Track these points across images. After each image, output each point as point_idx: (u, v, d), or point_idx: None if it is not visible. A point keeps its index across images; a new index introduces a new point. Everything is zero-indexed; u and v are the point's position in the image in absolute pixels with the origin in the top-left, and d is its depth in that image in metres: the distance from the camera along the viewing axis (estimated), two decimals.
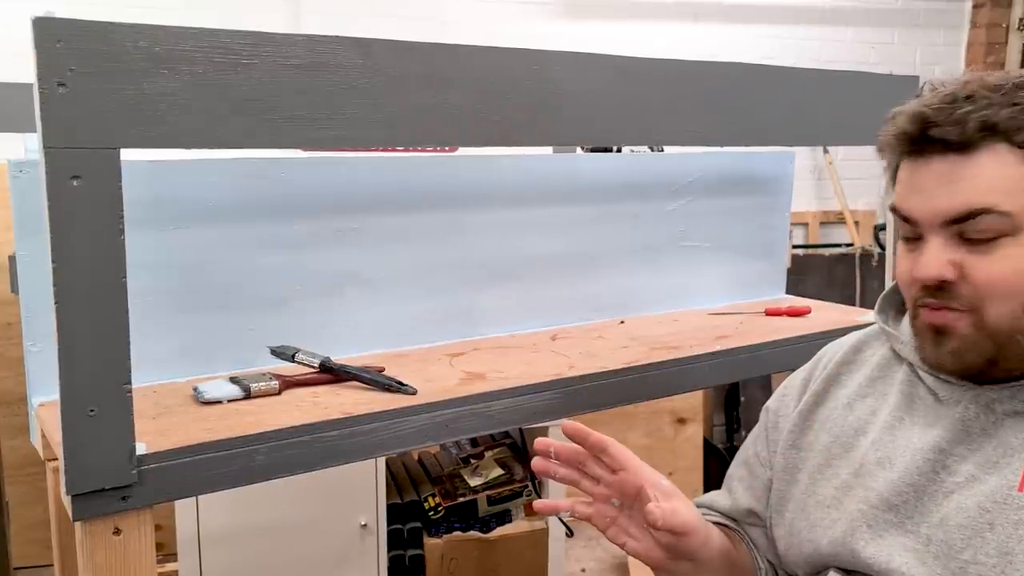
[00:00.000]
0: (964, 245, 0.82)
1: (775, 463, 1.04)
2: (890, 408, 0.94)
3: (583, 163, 1.64)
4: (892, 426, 0.93)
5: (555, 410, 1.24)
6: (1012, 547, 0.80)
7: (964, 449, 0.86)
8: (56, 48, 0.83)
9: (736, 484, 1.10)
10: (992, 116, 0.80)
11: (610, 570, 2.95)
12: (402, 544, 2.20)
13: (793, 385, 1.08)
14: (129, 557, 0.94)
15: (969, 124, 0.80)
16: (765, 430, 1.08)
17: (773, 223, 1.84)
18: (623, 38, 3.69)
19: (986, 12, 4.26)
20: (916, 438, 0.90)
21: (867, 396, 0.98)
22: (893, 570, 0.85)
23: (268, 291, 1.28)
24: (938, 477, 0.87)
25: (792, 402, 1.05)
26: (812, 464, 0.99)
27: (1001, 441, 0.84)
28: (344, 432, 1.06)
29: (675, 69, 1.27)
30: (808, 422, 1.02)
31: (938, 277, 0.83)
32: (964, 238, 0.82)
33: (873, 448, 0.93)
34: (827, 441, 0.98)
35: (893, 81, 1.55)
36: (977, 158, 0.81)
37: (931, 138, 0.82)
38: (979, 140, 0.80)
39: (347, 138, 1.02)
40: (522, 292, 1.52)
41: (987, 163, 0.80)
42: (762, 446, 1.08)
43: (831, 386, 1.02)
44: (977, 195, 0.80)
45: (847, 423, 0.98)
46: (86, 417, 0.89)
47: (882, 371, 0.99)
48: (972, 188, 0.81)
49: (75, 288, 0.87)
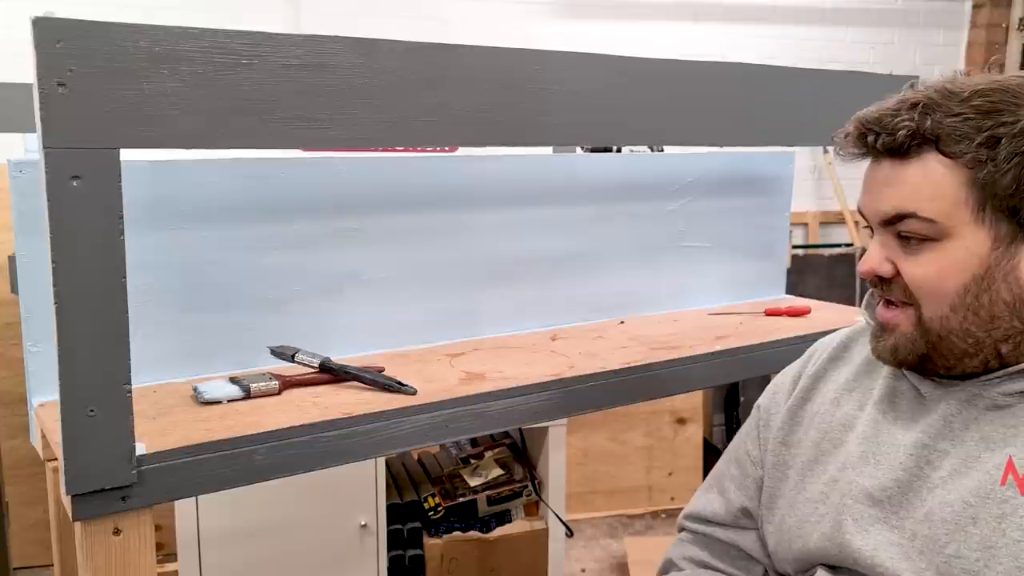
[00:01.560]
0: (900, 245, 0.87)
1: (766, 460, 1.04)
2: (875, 403, 0.96)
3: (583, 163, 1.64)
4: (877, 421, 0.94)
5: (555, 410, 1.24)
6: (995, 541, 0.81)
7: (947, 444, 0.88)
8: (56, 48, 0.83)
9: (728, 484, 1.10)
10: (922, 125, 0.83)
11: (609, 570, 2.95)
12: (402, 544, 2.20)
13: (783, 382, 1.09)
14: (129, 557, 0.94)
15: (899, 133, 0.84)
16: (757, 428, 1.08)
17: (773, 223, 1.84)
18: (623, 38, 3.69)
19: (986, 12, 4.26)
20: (900, 434, 0.91)
21: (853, 391, 0.99)
22: (878, 564, 0.86)
23: (268, 291, 1.28)
24: (922, 472, 0.88)
25: (782, 399, 1.06)
26: (801, 461, 1.00)
27: (983, 436, 0.86)
28: (344, 432, 1.06)
29: (675, 69, 1.27)
30: (797, 418, 1.03)
31: (873, 271, 0.89)
32: (901, 238, 0.87)
33: (858, 443, 0.94)
34: (815, 437, 0.99)
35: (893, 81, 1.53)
36: (909, 164, 0.85)
37: (872, 144, 0.87)
38: (912, 148, 0.84)
39: (347, 138, 1.02)
40: (522, 292, 1.52)
41: (916, 170, 0.85)
42: (753, 444, 1.08)
43: (819, 382, 1.04)
44: (903, 200, 0.85)
45: (835, 419, 0.99)
46: (86, 417, 0.89)
47: (868, 367, 1.00)
48: (900, 192, 0.85)
49: (75, 288, 0.87)
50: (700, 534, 1.12)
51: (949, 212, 0.83)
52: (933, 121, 0.83)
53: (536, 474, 2.34)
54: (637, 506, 3.39)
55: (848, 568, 0.90)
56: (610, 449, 3.35)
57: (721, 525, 1.09)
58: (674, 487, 3.40)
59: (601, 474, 3.34)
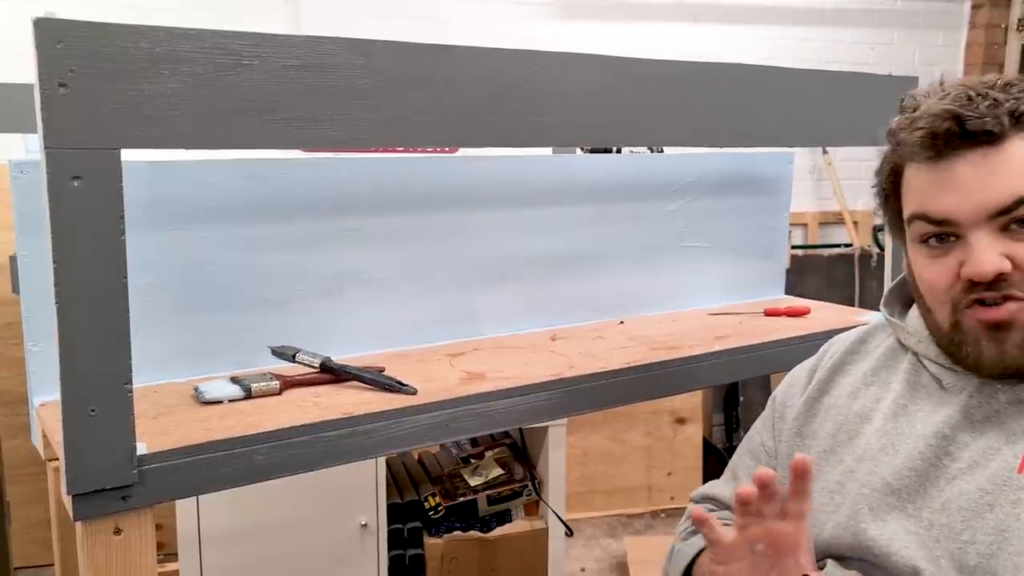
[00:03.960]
0: (1008, 237, 0.83)
1: (780, 452, 1.04)
2: (894, 396, 0.95)
3: (583, 163, 1.64)
4: (896, 413, 0.94)
5: (555, 410, 1.25)
6: (1008, 525, 0.81)
7: (967, 436, 0.87)
8: (57, 49, 0.83)
9: (742, 473, 1.10)
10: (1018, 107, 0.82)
11: (609, 570, 2.96)
12: (402, 544, 2.20)
13: (799, 375, 1.09)
14: (130, 557, 0.94)
15: (1001, 113, 0.81)
16: (772, 420, 1.08)
17: (772, 223, 1.84)
18: (623, 38, 3.69)
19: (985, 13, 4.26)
20: (920, 424, 0.91)
21: (871, 385, 0.99)
22: (893, 553, 0.86)
23: (269, 291, 1.28)
24: (940, 463, 0.88)
25: (798, 392, 1.06)
26: (816, 451, 0.99)
27: (1004, 428, 0.86)
28: (344, 432, 1.06)
29: (675, 69, 1.27)
30: (813, 411, 1.03)
31: (998, 270, 0.83)
32: (1006, 230, 0.83)
33: (877, 435, 0.94)
34: (831, 429, 0.99)
35: (892, 82, 1.55)
36: (1009, 148, 0.82)
37: (968, 132, 0.82)
38: (1011, 129, 0.82)
39: (347, 139, 1.02)
40: (522, 292, 1.52)
41: (1015, 153, 0.82)
42: (768, 436, 1.08)
43: (836, 375, 1.03)
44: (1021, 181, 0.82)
45: (851, 411, 0.98)
46: (87, 417, 0.89)
47: (887, 361, 1.00)
48: (1014, 176, 0.82)
49: (76, 288, 0.87)
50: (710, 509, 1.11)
51: None
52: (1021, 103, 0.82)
53: (536, 474, 2.34)
54: (637, 506, 3.39)
55: (859, 559, 0.90)
56: (610, 449, 3.35)
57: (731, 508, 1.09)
58: (674, 487, 3.40)
59: (601, 474, 3.34)
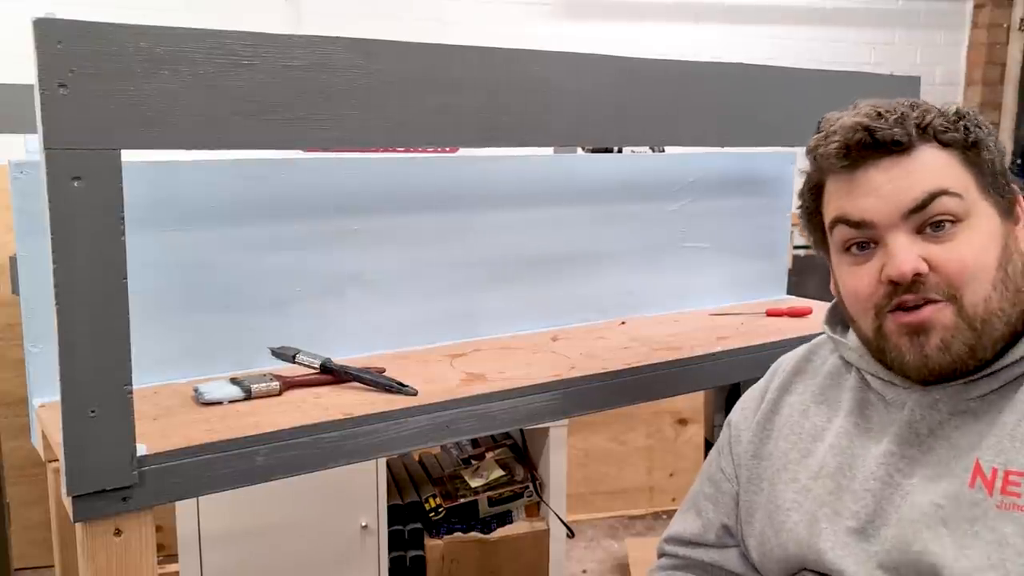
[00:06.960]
0: (925, 239, 0.86)
1: (740, 475, 1.05)
2: (844, 415, 0.97)
3: (583, 163, 1.64)
4: (848, 432, 0.95)
5: (556, 411, 1.24)
6: (968, 543, 0.82)
7: (915, 452, 0.89)
8: (57, 49, 0.83)
9: (704, 503, 1.10)
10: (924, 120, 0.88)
11: (610, 571, 2.95)
12: (403, 545, 2.20)
13: (751, 397, 1.10)
14: (130, 558, 0.94)
15: (909, 125, 0.87)
16: (728, 443, 1.09)
17: (774, 224, 1.84)
18: (623, 38, 3.69)
19: (987, 12, 4.26)
20: (872, 444, 0.92)
21: (821, 403, 1.00)
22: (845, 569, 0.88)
23: (269, 292, 1.28)
24: (893, 480, 0.89)
25: (751, 414, 1.07)
26: (772, 471, 1.01)
27: (951, 443, 0.87)
28: (345, 433, 1.06)
29: (675, 69, 1.27)
30: (766, 431, 1.04)
31: (915, 270, 0.85)
32: (923, 232, 0.86)
33: (831, 453, 0.95)
34: (785, 448, 1.00)
35: (894, 81, 1.55)
36: (917, 156, 0.87)
37: (879, 142, 0.87)
38: (918, 139, 0.87)
39: (347, 139, 1.02)
40: (523, 293, 1.52)
41: (923, 159, 0.87)
42: (726, 461, 1.08)
43: (785, 394, 1.04)
44: (931, 180, 0.86)
45: (804, 430, 1.00)
46: (87, 418, 0.89)
47: (833, 379, 1.01)
48: (924, 176, 0.86)
49: (76, 289, 0.87)
50: (681, 557, 1.11)
51: (966, 187, 0.87)
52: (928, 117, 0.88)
53: (537, 475, 2.34)
54: (638, 507, 3.39)
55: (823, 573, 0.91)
56: (611, 450, 3.35)
57: (703, 546, 1.09)
58: (675, 488, 3.39)
59: (602, 475, 3.34)
